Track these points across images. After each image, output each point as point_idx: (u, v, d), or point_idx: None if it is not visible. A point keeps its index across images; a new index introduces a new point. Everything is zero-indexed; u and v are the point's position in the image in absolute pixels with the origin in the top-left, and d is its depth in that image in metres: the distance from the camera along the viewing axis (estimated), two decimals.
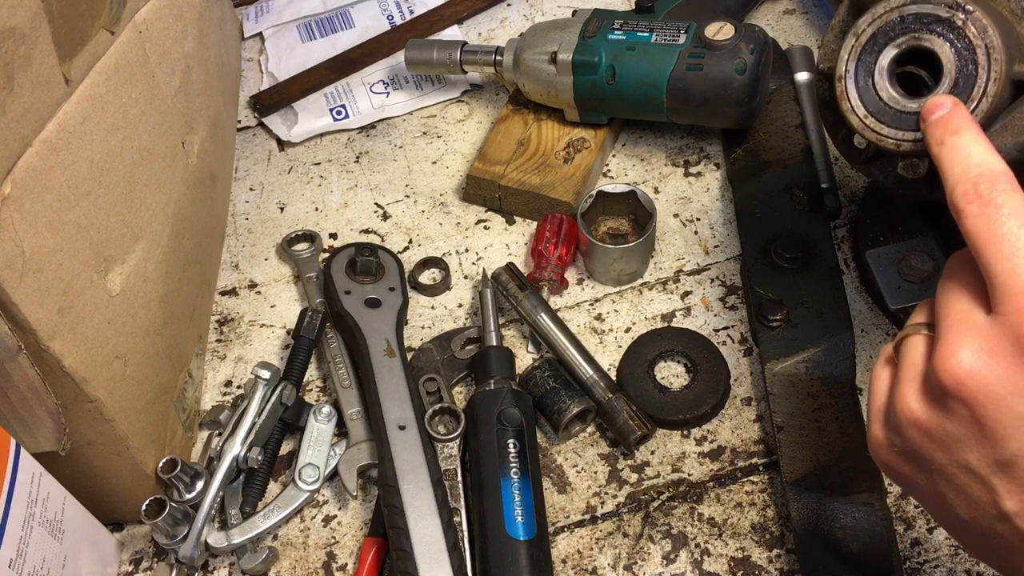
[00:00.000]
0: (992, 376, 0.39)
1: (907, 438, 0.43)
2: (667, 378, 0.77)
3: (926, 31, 0.53)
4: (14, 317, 0.53)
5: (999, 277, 0.39)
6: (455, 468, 0.71)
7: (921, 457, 0.43)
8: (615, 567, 0.68)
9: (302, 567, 0.70)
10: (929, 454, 0.42)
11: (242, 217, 0.92)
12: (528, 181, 0.87)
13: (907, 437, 0.43)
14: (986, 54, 0.51)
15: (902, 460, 0.44)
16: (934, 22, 0.52)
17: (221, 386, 0.80)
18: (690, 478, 0.72)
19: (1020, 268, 0.39)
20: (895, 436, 0.44)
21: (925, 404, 0.42)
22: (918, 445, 0.42)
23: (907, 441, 0.43)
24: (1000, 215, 0.40)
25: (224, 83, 0.93)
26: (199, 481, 0.69)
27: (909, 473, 0.45)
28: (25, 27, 0.52)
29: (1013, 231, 0.39)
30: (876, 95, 0.55)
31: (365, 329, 0.77)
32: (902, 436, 0.43)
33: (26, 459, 0.57)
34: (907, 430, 0.43)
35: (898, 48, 0.54)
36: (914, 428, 0.42)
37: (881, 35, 0.54)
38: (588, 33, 0.87)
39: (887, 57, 0.54)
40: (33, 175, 0.54)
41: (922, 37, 0.53)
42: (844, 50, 0.55)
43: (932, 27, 0.52)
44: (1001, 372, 0.39)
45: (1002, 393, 0.39)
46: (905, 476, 0.46)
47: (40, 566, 0.58)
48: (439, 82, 1.01)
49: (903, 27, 0.53)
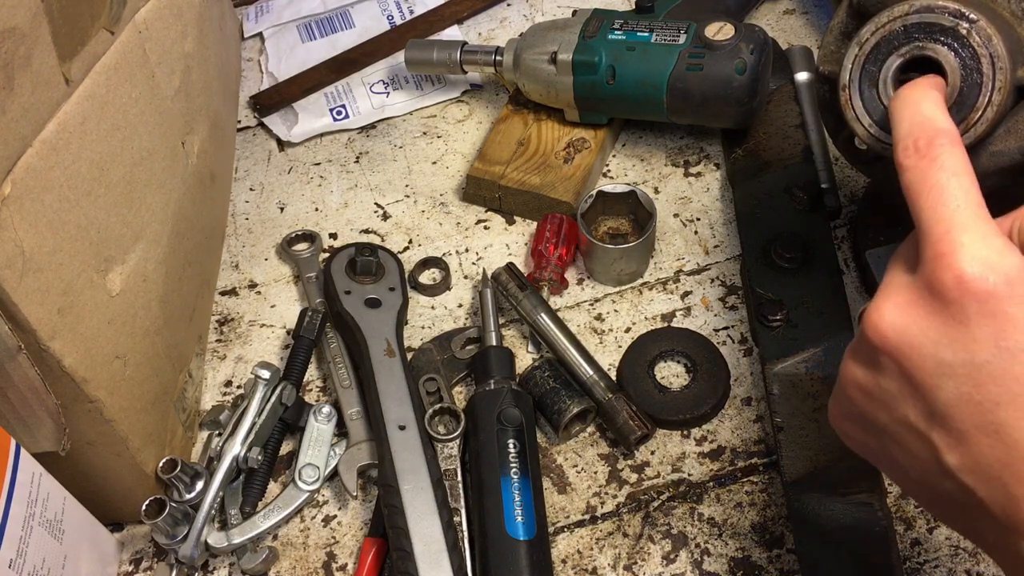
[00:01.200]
0: (913, 327, 0.39)
1: (852, 401, 0.43)
2: (667, 378, 0.77)
3: (930, 40, 0.52)
4: (14, 317, 0.53)
5: (924, 226, 0.40)
6: (455, 468, 0.71)
7: (867, 419, 0.43)
8: (615, 567, 0.68)
9: (302, 567, 0.70)
10: (872, 414, 0.42)
11: (242, 217, 0.92)
12: (528, 181, 0.87)
13: (852, 400, 0.43)
14: (991, 63, 0.51)
15: (852, 425, 0.45)
16: (938, 31, 0.52)
17: (221, 386, 0.80)
18: (690, 478, 0.72)
19: (941, 215, 0.39)
20: (844, 402, 0.44)
21: (861, 365, 0.42)
22: (862, 407, 0.43)
23: (852, 404, 0.43)
24: (933, 167, 0.41)
25: (224, 83, 0.93)
26: (199, 481, 0.69)
27: (862, 438, 0.45)
28: (25, 27, 0.52)
29: (942, 182, 0.40)
30: (881, 104, 0.55)
31: (365, 329, 0.77)
32: (848, 399, 0.44)
33: (26, 459, 0.57)
34: (850, 392, 0.43)
35: (902, 57, 0.54)
36: (855, 389, 0.43)
37: (885, 44, 0.54)
38: (588, 33, 0.87)
39: (891, 66, 0.54)
40: (33, 175, 0.54)
41: (926, 47, 0.53)
42: (848, 59, 0.55)
43: (936, 36, 0.52)
44: (922, 322, 0.39)
45: (923, 342, 0.39)
46: (859, 442, 0.46)
47: (40, 566, 0.58)
48: (439, 82, 1.01)
49: (907, 36, 0.53)
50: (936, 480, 0.41)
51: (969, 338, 0.38)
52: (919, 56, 0.53)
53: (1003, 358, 0.37)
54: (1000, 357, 0.37)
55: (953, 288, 0.38)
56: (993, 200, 0.42)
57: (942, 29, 0.52)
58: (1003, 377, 0.37)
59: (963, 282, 0.38)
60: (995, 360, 0.38)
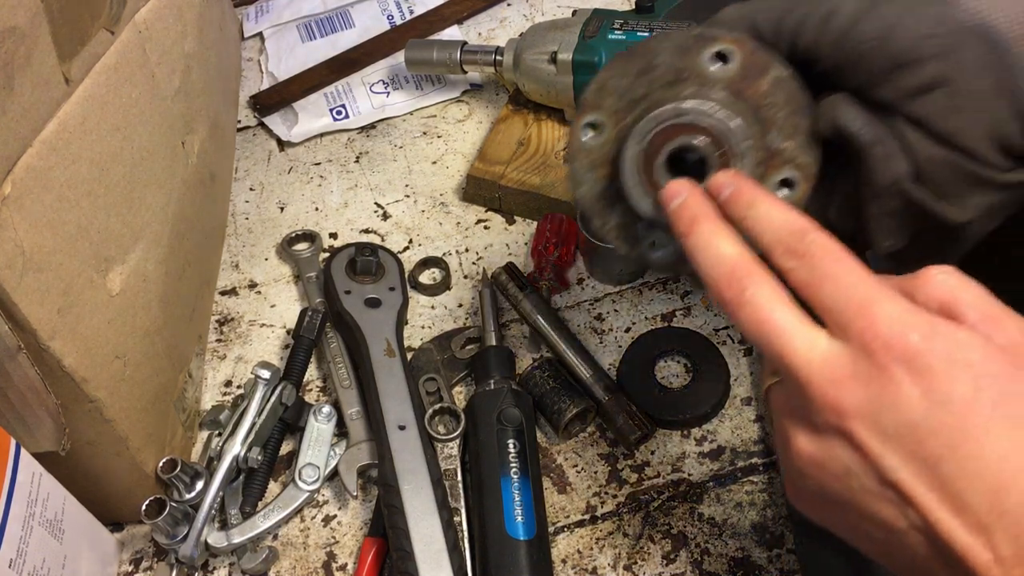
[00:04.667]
0: (850, 398, 0.41)
1: (806, 476, 0.44)
2: (667, 378, 0.77)
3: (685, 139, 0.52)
4: (14, 317, 0.53)
5: (834, 308, 0.42)
6: (455, 468, 0.71)
7: (829, 494, 0.44)
8: (615, 567, 0.68)
9: (302, 567, 0.70)
10: (829, 486, 0.43)
11: (242, 217, 0.92)
12: (528, 181, 0.87)
13: (806, 475, 0.44)
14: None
15: (818, 502, 0.46)
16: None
17: (221, 386, 0.80)
18: (690, 478, 0.72)
19: (852, 294, 0.42)
20: (798, 478, 0.45)
21: (810, 440, 0.43)
22: (821, 482, 0.44)
23: (808, 479, 0.44)
24: (815, 260, 0.43)
25: (224, 83, 0.93)
26: (199, 481, 0.69)
27: (828, 513, 0.46)
28: (25, 27, 0.52)
29: (831, 270, 0.43)
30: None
31: (365, 329, 0.77)
32: (802, 475, 0.45)
33: (26, 459, 0.57)
34: (804, 469, 0.44)
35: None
36: (808, 465, 0.44)
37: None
38: (588, 33, 0.87)
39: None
40: (33, 175, 0.54)
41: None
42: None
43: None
44: (859, 392, 0.41)
45: (865, 411, 0.40)
46: (826, 518, 0.47)
47: (40, 566, 0.58)
48: (439, 82, 1.01)
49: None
50: (899, 543, 0.42)
51: (903, 399, 0.40)
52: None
53: (935, 411, 0.39)
54: (932, 411, 0.39)
55: (881, 354, 0.40)
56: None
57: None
58: (940, 430, 0.39)
59: (889, 347, 0.40)
60: (930, 415, 0.39)
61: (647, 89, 0.53)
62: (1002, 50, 0.46)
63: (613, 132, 0.54)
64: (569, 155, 0.56)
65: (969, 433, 0.38)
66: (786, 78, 0.51)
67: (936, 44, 0.47)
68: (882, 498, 0.41)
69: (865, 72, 0.49)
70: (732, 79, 0.52)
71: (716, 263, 0.45)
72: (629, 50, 0.53)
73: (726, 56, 0.51)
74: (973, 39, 0.47)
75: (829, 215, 0.55)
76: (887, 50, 0.48)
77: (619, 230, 0.57)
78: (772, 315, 0.43)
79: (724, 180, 0.49)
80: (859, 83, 0.49)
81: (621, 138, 0.54)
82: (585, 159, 0.55)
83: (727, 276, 0.45)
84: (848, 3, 0.49)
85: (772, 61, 0.51)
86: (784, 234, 0.45)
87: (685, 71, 0.52)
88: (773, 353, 0.43)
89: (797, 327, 0.43)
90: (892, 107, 0.49)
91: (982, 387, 0.39)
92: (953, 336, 0.40)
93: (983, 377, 0.39)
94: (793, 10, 0.50)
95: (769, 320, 0.43)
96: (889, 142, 0.49)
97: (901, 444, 0.40)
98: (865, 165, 0.50)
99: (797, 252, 0.44)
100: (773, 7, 0.51)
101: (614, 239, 0.57)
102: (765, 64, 0.51)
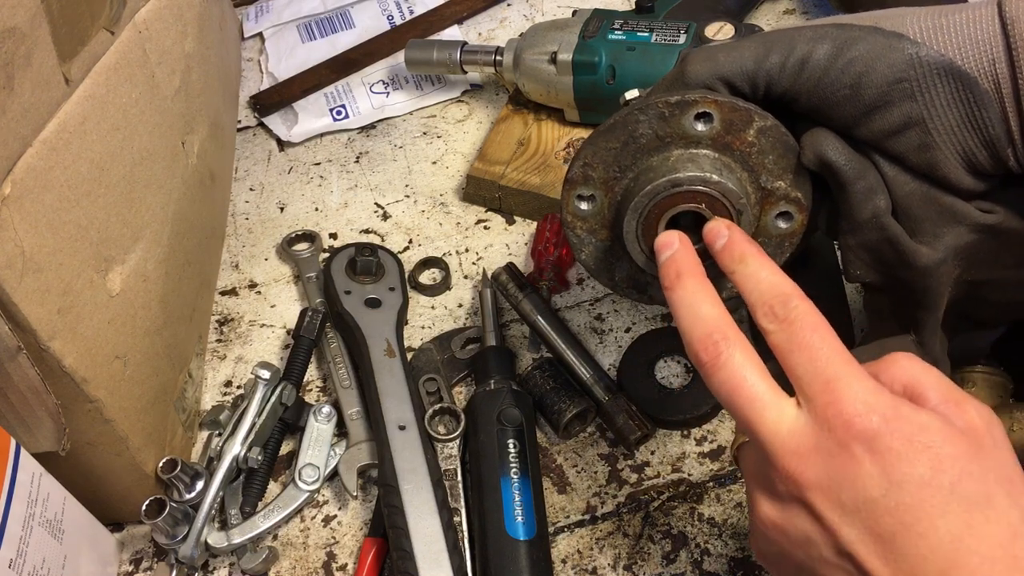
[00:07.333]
0: (810, 471, 0.42)
1: (770, 539, 0.46)
2: (667, 378, 0.77)
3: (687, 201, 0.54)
4: (14, 317, 0.53)
5: (803, 379, 0.44)
6: (455, 468, 0.71)
7: (784, 555, 0.45)
8: (615, 567, 0.68)
9: (302, 567, 0.70)
10: (789, 551, 0.45)
11: (242, 217, 0.92)
12: (528, 181, 0.87)
13: (769, 539, 0.46)
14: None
15: (779, 564, 0.47)
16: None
17: (221, 386, 0.80)
18: (690, 478, 0.72)
19: (818, 368, 0.43)
20: (762, 540, 0.47)
21: (774, 506, 0.45)
22: (780, 544, 0.45)
23: (771, 543, 0.46)
24: (795, 328, 0.45)
25: (224, 83, 0.93)
26: (199, 481, 0.69)
27: (789, 574, 0.47)
28: (25, 27, 0.52)
29: (808, 340, 0.44)
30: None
31: (365, 329, 0.77)
32: (766, 538, 0.46)
33: (26, 459, 0.57)
34: (768, 532, 0.46)
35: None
36: (771, 529, 0.45)
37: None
38: (588, 33, 0.87)
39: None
40: (33, 175, 0.54)
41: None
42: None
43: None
44: (820, 466, 0.42)
45: (826, 485, 0.42)
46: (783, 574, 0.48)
47: (40, 566, 0.58)
48: (439, 82, 1.01)
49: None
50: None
51: (863, 476, 0.41)
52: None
53: (892, 491, 0.40)
54: (890, 490, 0.40)
55: (842, 432, 0.42)
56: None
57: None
58: (896, 509, 0.40)
59: (851, 426, 0.41)
60: (887, 493, 0.40)
61: (633, 158, 0.55)
62: (971, 84, 0.49)
63: (606, 200, 0.57)
64: (565, 223, 0.59)
65: (925, 513, 0.40)
66: (770, 127, 0.53)
67: (907, 88, 0.49)
68: (839, 568, 0.42)
69: (840, 117, 0.51)
70: (717, 135, 0.53)
71: (694, 323, 0.47)
72: (606, 124, 0.55)
73: (708, 115, 0.53)
74: (942, 77, 0.49)
75: (817, 222, 0.57)
76: (860, 98, 0.50)
77: (627, 282, 0.61)
78: (744, 382, 0.45)
79: (719, 230, 0.51)
80: (836, 125, 0.52)
81: (616, 203, 0.57)
82: (583, 227, 0.59)
83: (703, 338, 0.46)
84: (819, 49, 0.51)
85: (753, 113, 0.53)
86: (769, 296, 0.46)
87: (668, 136, 0.54)
88: (743, 420, 0.45)
89: (767, 396, 0.44)
90: (869, 145, 0.51)
91: (940, 469, 0.40)
92: (915, 418, 0.42)
93: (942, 459, 0.41)
94: (764, 60, 0.52)
95: (741, 387, 0.45)
96: (871, 176, 0.51)
97: (859, 518, 0.41)
98: (846, 198, 0.52)
99: (778, 316, 0.45)
100: (741, 59, 0.53)
101: (624, 292, 0.61)
102: (747, 117, 0.53)
